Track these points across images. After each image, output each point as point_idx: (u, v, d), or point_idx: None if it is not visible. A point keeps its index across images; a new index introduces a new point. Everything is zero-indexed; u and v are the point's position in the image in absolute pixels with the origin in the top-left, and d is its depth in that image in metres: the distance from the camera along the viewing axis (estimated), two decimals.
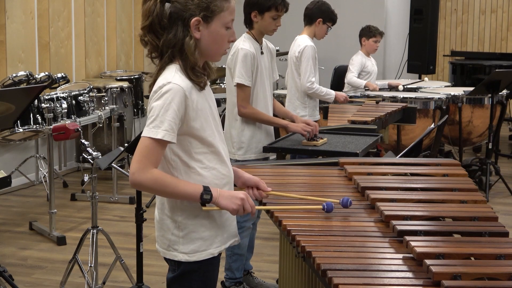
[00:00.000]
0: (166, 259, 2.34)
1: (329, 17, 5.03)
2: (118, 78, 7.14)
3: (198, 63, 2.23)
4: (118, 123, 6.26)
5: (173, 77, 2.18)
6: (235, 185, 2.41)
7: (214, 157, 2.27)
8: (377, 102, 5.60)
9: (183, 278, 2.30)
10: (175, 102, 2.15)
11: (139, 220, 3.57)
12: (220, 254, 2.34)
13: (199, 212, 2.25)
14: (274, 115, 4.09)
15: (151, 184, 2.15)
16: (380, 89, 6.76)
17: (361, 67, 6.68)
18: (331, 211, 2.32)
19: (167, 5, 2.19)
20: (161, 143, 2.15)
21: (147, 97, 6.69)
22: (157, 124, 2.13)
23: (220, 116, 4.07)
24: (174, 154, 2.24)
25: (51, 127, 4.93)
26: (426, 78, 7.72)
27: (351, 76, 6.63)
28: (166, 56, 2.22)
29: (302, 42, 4.96)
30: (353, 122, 4.57)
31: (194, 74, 2.21)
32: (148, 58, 2.28)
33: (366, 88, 6.51)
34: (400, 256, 1.99)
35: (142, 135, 2.16)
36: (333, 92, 5.16)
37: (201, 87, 2.24)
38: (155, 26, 2.20)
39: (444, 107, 6.20)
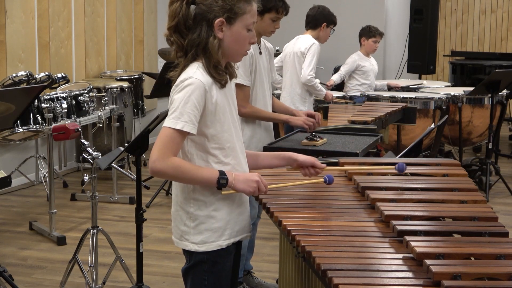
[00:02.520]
0: (183, 252, 2.43)
1: (332, 20, 5.37)
2: (118, 78, 7.14)
3: (220, 62, 2.34)
4: (118, 123, 6.25)
5: (194, 72, 2.29)
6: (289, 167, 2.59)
7: (229, 153, 2.37)
8: (346, 103, 5.95)
9: (195, 269, 2.39)
10: (194, 95, 2.26)
11: (139, 220, 3.56)
12: (229, 247, 2.39)
13: (210, 204, 2.35)
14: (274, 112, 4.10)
15: (171, 171, 2.25)
16: (378, 90, 6.82)
17: (352, 68, 6.69)
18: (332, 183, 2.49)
19: (192, 7, 2.30)
20: (181, 133, 2.25)
21: (147, 97, 6.78)
22: (177, 115, 2.24)
23: None
24: (191, 147, 2.34)
25: (51, 127, 4.93)
26: (424, 82, 7.71)
27: (334, 76, 6.73)
28: (190, 55, 2.33)
29: (309, 39, 5.22)
30: (353, 122, 4.58)
31: (216, 72, 2.32)
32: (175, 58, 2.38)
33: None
34: (400, 256, 1.99)
35: (163, 125, 2.27)
36: (324, 90, 5.46)
37: (222, 84, 2.35)
38: (181, 26, 2.32)
39: (444, 107, 6.20)
